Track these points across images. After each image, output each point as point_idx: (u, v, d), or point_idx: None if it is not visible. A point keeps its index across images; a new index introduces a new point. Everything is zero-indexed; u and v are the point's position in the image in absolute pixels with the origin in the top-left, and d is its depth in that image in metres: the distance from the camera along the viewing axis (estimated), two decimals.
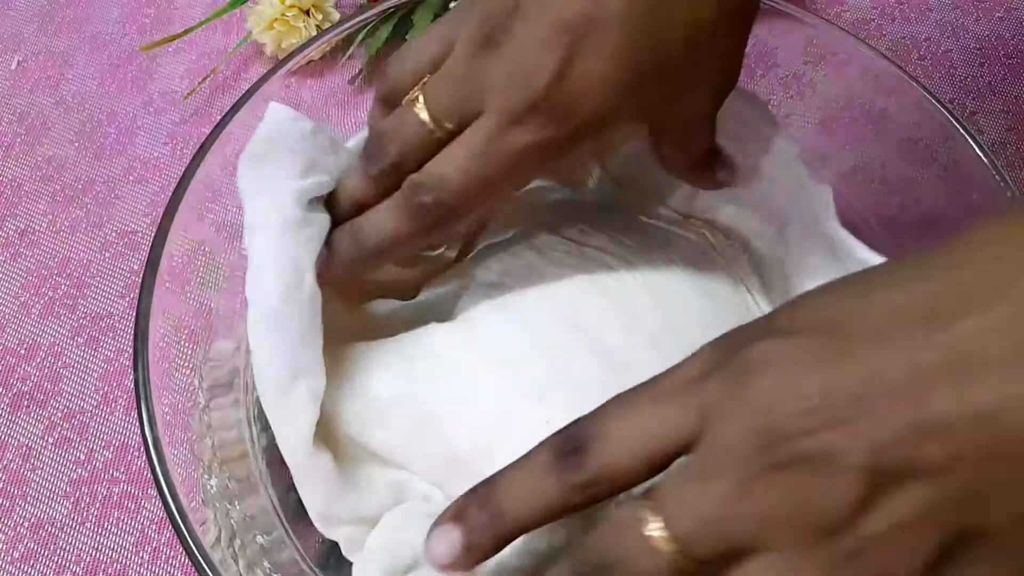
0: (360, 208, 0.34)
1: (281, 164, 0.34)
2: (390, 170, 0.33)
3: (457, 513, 0.27)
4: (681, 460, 0.25)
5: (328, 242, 0.34)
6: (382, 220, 0.33)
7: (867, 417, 0.22)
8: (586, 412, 0.28)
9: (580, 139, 0.32)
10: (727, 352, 0.25)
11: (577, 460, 0.25)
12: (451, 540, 0.26)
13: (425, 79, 0.33)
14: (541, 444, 0.26)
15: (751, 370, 0.23)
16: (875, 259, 0.37)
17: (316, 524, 0.33)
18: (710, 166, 0.37)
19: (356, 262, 0.34)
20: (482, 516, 0.26)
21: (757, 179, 0.39)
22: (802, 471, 0.22)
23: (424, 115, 0.32)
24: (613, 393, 0.27)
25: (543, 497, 0.26)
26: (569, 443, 0.26)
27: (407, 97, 0.33)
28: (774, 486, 0.22)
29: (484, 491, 0.27)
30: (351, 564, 0.34)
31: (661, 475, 0.25)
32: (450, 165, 0.32)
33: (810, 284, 0.38)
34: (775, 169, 0.39)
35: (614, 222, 0.40)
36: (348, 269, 0.35)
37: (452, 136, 0.32)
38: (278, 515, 0.36)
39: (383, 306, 0.40)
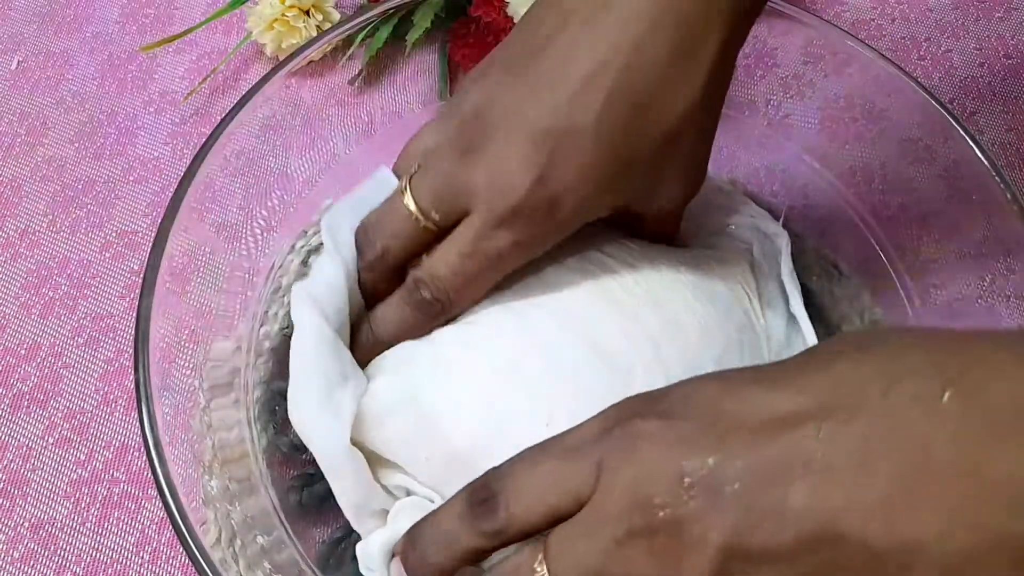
0: (364, 291, 0.37)
1: (361, 214, 0.37)
2: (376, 261, 0.36)
3: (403, 548, 0.31)
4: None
5: (352, 333, 0.37)
6: (392, 314, 0.36)
7: (732, 501, 0.24)
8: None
9: (563, 231, 0.34)
10: (625, 416, 0.27)
11: (487, 509, 0.28)
12: (399, 574, 0.31)
13: (413, 169, 0.35)
14: (458, 493, 0.29)
15: (641, 438, 0.26)
16: (800, 314, 0.41)
17: (348, 515, 0.34)
18: (672, 243, 0.41)
19: (375, 348, 0.37)
20: (415, 556, 0.30)
21: (719, 232, 0.44)
22: (670, 537, 0.24)
23: (412, 206, 0.34)
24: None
25: (459, 543, 0.28)
26: (481, 493, 0.28)
27: (396, 188, 0.35)
28: (644, 547, 0.24)
29: (415, 533, 0.30)
30: (351, 564, 0.34)
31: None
32: (443, 263, 0.34)
33: (766, 310, 0.42)
34: (739, 218, 0.44)
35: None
36: (368, 354, 0.37)
37: (439, 226, 0.34)
38: (278, 515, 0.36)
39: None
